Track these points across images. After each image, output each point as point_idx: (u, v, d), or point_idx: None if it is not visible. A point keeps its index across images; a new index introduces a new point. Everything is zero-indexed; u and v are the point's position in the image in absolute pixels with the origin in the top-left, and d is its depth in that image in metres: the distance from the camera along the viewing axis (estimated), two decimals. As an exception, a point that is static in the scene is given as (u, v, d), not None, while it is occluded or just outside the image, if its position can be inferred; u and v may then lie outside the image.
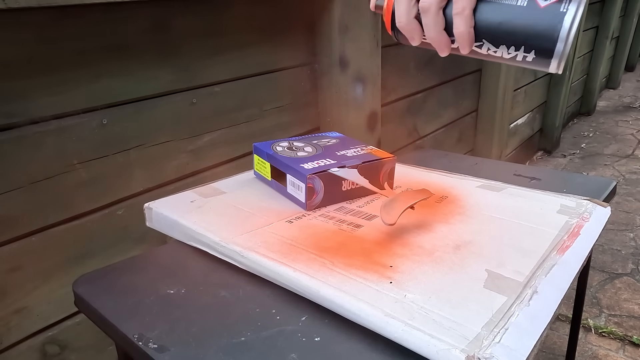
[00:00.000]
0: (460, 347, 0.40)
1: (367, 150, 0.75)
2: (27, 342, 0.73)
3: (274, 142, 0.79)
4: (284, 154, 0.74)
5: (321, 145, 0.77)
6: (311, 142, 0.79)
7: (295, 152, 0.74)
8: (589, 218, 0.63)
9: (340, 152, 0.74)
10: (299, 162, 0.70)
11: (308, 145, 0.77)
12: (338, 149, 0.75)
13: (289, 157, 0.72)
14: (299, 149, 0.75)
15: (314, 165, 0.69)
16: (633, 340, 1.40)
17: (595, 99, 3.88)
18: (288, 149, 0.75)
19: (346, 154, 0.73)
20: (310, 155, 0.73)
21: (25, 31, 0.65)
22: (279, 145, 0.77)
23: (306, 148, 0.76)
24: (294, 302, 0.52)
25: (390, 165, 0.72)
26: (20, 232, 0.70)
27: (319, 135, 0.83)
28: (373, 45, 1.13)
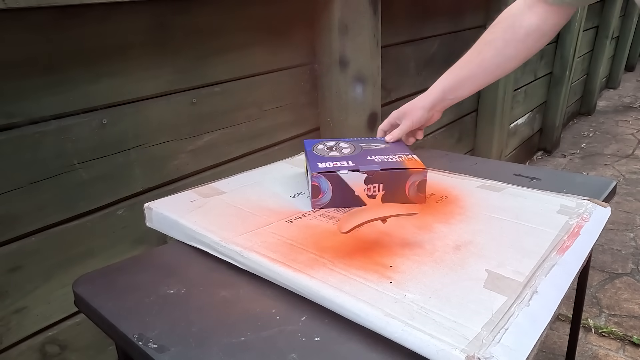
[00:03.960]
0: (460, 347, 0.40)
1: (402, 158, 0.70)
2: (27, 342, 0.73)
3: (322, 140, 0.79)
4: (318, 152, 0.73)
5: (363, 147, 0.75)
6: (356, 144, 0.77)
7: (328, 151, 0.74)
8: (589, 218, 0.63)
9: (374, 156, 0.71)
10: (319, 160, 0.70)
11: (350, 146, 0.76)
12: (375, 153, 0.72)
13: (319, 155, 0.72)
14: (338, 149, 0.74)
15: (328, 165, 0.68)
16: (633, 340, 1.40)
17: (595, 99, 3.88)
18: (327, 148, 0.75)
19: (375, 159, 0.69)
20: (340, 156, 0.71)
21: (26, 31, 0.65)
22: (323, 143, 0.78)
23: (345, 149, 0.74)
24: (294, 302, 0.52)
25: (418, 177, 0.67)
26: (20, 232, 0.70)
27: (374, 139, 0.81)
28: (373, 45, 1.13)
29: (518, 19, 0.71)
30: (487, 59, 0.74)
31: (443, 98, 0.78)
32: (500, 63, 0.74)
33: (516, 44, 0.72)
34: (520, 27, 0.71)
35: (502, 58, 0.73)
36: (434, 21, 1.53)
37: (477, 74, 0.75)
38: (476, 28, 1.80)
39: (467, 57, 0.76)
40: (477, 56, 0.75)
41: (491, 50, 0.73)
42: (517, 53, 0.73)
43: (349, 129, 1.13)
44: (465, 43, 1.91)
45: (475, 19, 1.78)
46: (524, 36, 0.71)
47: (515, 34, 0.71)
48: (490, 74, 0.75)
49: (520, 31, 0.71)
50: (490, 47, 0.74)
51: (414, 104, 0.79)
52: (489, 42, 0.74)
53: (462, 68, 0.76)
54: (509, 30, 0.72)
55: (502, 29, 0.73)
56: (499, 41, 0.73)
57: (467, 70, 0.76)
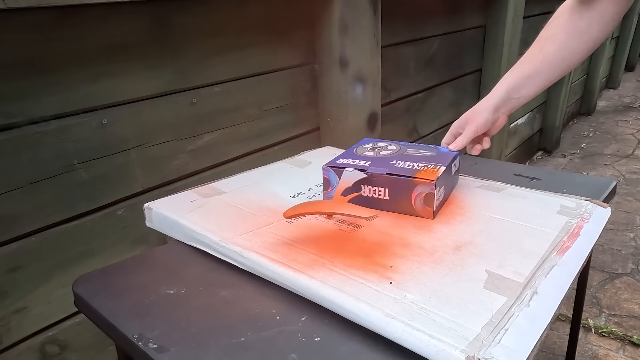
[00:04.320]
0: (461, 348, 0.40)
1: (422, 167, 0.66)
2: (27, 342, 0.73)
3: (378, 140, 0.80)
4: (358, 149, 0.75)
5: (405, 152, 0.73)
6: (403, 148, 0.75)
7: (366, 150, 0.75)
8: (589, 219, 0.63)
9: (399, 161, 0.69)
10: (347, 156, 0.72)
11: (394, 149, 0.75)
12: (405, 158, 0.70)
13: (354, 152, 0.74)
14: (377, 149, 0.75)
15: (345, 161, 0.69)
16: (633, 340, 1.40)
17: (595, 99, 3.88)
18: (370, 148, 0.75)
19: (395, 164, 0.68)
20: (369, 156, 0.72)
21: (25, 31, 0.65)
22: (374, 143, 0.78)
23: (384, 151, 0.74)
24: (294, 302, 0.52)
25: (425, 189, 0.63)
26: (20, 232, 0.70)
27: (434, 147, 0.77)
28: (373, 45, 1.13)
29: (577, 10, 0.68)
30: (551, 53, 0.70)
31: (508, 98, 0.73)
32: (565, 57, 0.70)
33: (580, 36, 0.69)
34: (580, 19, 0.68)
35: (566, 51, 0.70)
36: (434, 21, 1.53)
37: (541, 70, 0.71)
38: (476, 28, 1.80)
39: (529, 54, 0.73)
40: (539, 52, 0.71)
41: (554, 44, 0.70)
42: (581, 45, 0.69)
43: (349, 129, 1.13)
44: (465, 43, 1.92)
45: (475, 19, 1.78)
46: (587, 27, 0.68)
47: (576, 26, 0.68)
48: (556, 69, 0.71)
49: (582, 23, 0.68)
50: (552, 41, 0.70)
51: (477, 108, 0.75)
52: (550, 36, 0.71)
53: (525, 65, 0.73)
54: (569, 23, 0.69)
55: (562, 22, 0.70)
56: (561, 35, 0.70)
57: (530, 67, 0.72)
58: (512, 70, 0.74)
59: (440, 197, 0.67)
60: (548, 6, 2.46)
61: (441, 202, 0.68)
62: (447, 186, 0.70)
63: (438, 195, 0.65)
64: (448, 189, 0.71)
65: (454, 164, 0.73)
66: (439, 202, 0.66)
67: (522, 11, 1.91)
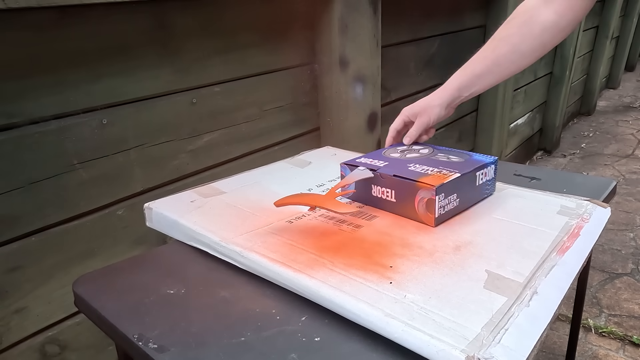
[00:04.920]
0: (460, 348, 0.40)
1: (433, 173, 0.64)
2: (27, 342, 0.73)
3: (415, 144, 0.79)
4: (388, 152, 0.75)
5: (434, 157, 0.71)
6: (434, 153, 0.74)
7: (394, 151, 0.75)
8: (589, 219, 0.63)
9: (418, 165, 0.68)
10: (370, 155, 0.73)
11: (425, 152, 0.74)
12: (426, 162, 0.68)
13: (382, 152, 0.74)
14: (404, 152, 0.75)
15: (362, 160, 0.70)
16: (633, 340, 1.40)
17: (595, 99, 3.89)
18: (400, 150, 0.75)
19: (410, 167, 0.67)
20: (391, 157, 0.71)
21: (25, 31, 0.65)
22: (410, 146, 0.78)
23: (411, 154, 0.73)
24: (294, 302, 0.52)
25: (426, 194, 0.61)
26: (20, 232, 0.70)
27: (460, 152, 0.74)
28: (373, 45, 1.13)
29: (534, 14, 0.70)
30: (502, 55, 0.73)
31: (459, 95, 0.77)
32: (516, 59, 0.73)
33: (532, 40, 0.71)
34: (536, 23, 0.70)
35: (518, 55, 0.72)
36: (434, 21, 1.53)
37: (492, 71, 0.74)
38: (476, 28, 1.80)
39: (482, 53, 0.75)
40: (492, 52, 0.74)
41: (507, 46, 0.72)
42: (533, 49, 0.71)
43: (349, 129, 1.13)
44: (465, 43, 1.92)
45: (475, 19, 1.78)
46: (540, 32, 0.70)
47: (531, 29, 0.70)
48: (505, 70, 0.74)
49: (536, 27, 0.70)
50: (505, 43, 0.72)
51: (429, 101, 0.77)
52: (504, 38, 0.73)
53: (477, 64, 0.75)
54: (524, 26, 0.71)
55: (517, 24, 0.72)
56: (515, 37, 0.71)
57: (482, 67, 0.74)
58: (464, 68, 0.76)
59: (450, 206, 0.63)
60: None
61: (452, 211, 0.64)
62: (464, 195, 0.65)
63: (443, 203, 0.62)
64: (466, 198, 0.66)
65: (482, 172, 0.68)
66: (445, 210, 0.62)
67: (522, 11, 1.91)
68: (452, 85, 0.76)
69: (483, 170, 0.68)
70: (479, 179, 0.68)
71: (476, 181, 0.67)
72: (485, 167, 0.68)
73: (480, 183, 0.68)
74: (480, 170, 0.67)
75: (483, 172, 0.68)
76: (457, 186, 0.63)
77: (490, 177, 0.70)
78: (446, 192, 0.62)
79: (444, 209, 0.63)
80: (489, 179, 0.70)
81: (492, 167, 0.70)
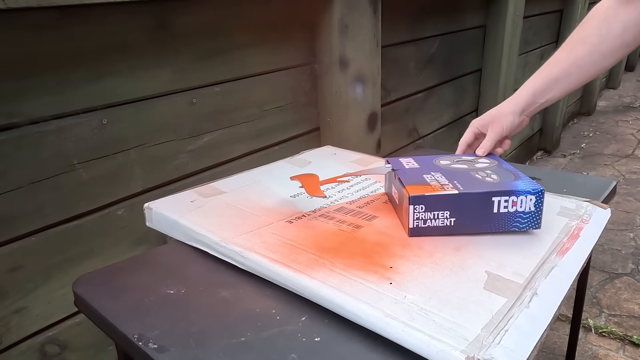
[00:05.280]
0: (460, 348, 0.40)
1: (432, 182, 0.61)
2: (27, 342, 0.73)
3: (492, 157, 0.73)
4: (444, 159, 0.71)
5: (470, 169, 0.66)
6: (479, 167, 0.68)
7: (443, 160, 0.71)
8: (588, 220, 0.63)
9: (435, 174, 0.64)
10: (416, 159, 0.72)
11: (466, 165, 0.69)
12: (452, 174, 0.64)
13: (432, 160, 0.71)
14: (452, 161, 0.71)
15: (405, 161, 0.71)
16: (633, 340, 1.40)
17: (595, 99, 3.88)
18: (456, 161, 0.70)
19: (425, 175, 0.64)
20: (437, 165, 0.68)
21: (25, 31, 0.65)
22: (476, 158, 0.72)
23: (455, 164, 0.69)
24: (294, 302, 0.52)
25: (406, 201, 0.59)
26: (20, 232, 0.70)
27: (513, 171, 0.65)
28: (373, 45, 1.13)
29: (612, 13, 0.67)
30: (581, 57, 0.68)
31: (533, 102, 0.71)
32: (596, 60, 0.68)
33: (612, 39, 0.67)
34: (616, 22, 0.66)
35: (598, 55, 0.68)
36: (434, 21, 1.53)
37: (570, 73, 0.69)
38: (476, 28, 1.80)
39: (557, 56, 0.70)
40: (568, 54, 0.69)
41: (585, 47, 0.68)
42: (614, 49, 0.67)
43: (349, 129, 1.13)
44: (465, 43, 1.92)
45: (475, 19, 1.78)
46: (622, 31, 0.66)
47: (611, 29, 0.67)
48: (585, 73, 0.69)
49: (617, 26, 0.66)
50: (583, 44, 0.68)
51: (501, 109, 0.73)
52: (582, 39, 0.69)
53: (552, 68, 0.70)
54: (603, 26, 0.67)
55: (594, 25, 0.68)
56: (593, 37, 0.68)
57: (559, 70, 0.70)
58: (539, 73, 0.72)
59: (437, 222, 0.59)
60: (548, 6, 2.46)
61: (441, 229, 0.59)
62: (469, 218, 0.59)
63: (423, 216, 0.58)
64: (471, 222, 0.59)
65: (505, 199, 0.58)
66: (425, 224, 0.59)
67: (522, 11, 1.91)
68: (525, 91, 0.72)
69: (506, 198, 0.58)
70: (497, 206, 0.58)
71: (493, 207, 0.58)
72: (513, 195, 0.58)
73: (501, 211, 0.58)
74: (499, 197, 0.58)
75: (506, 199, 0.58)
76: (450, 204, 0.58)
77: (525, 209, 0.58)
78: (429, 205, 0.58)
79: (424, 222, 0.59)
80: (523, 211, 0.59)
81: (530, 198, 0.58)
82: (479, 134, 0.75)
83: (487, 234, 0.60)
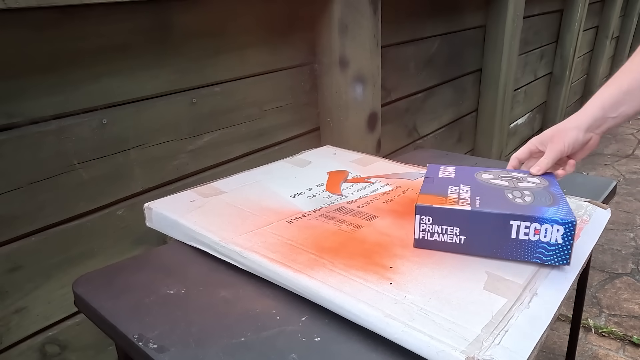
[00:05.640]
0: (460, 349, 0.40)
1: (449, 197, 0.57)
2: (27, 342, 0.73)
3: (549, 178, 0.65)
4: (481, 172, 0.66)
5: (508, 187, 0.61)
6: (514, 180, 0.63)
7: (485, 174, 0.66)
8: (588, 220, 0.63)
9: (459, 187, 0.60)
10: (455, 167, 0.71)
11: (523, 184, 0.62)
12: (477, 189, 0.60)
13: (478, 173, 0.67)
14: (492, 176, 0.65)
15: (444, 169, 0.69)
16: (633, 340, 1.40)
17: (595, 99, 3.88)
18: (499, 177, 0.65)
19: (450, 186, 0.61)
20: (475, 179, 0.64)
21: (25, 31, 0.65)
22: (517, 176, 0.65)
23: (499, 180, 0.63)
24: (294, 302, 0.52)
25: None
26: (20, 232, 0.70)
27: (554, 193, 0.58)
28: (373, 45, 1.13)
29: None
30: None
31: (603, 116, 0.62)
32: None
33: None
34: None
35: None
36: (434, 21, 1.53)
37: None
38: (476, 28, 1.80)
39: (628, 65, 0.63)
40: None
41: None
42: None
43: (349, 129, 1.13)
44: (465, 43, 1.92)
45: (475, 19, 1.78)
46: None
47: None
48: None
49: None
50: None
51: (565, 125, 0.64)
52: None
53: (623, 79, 0.63)
54: None
55: None
56: None
57: (630, 80, 0.62)
58: (608, 85, 0.64)
59: (445, 238, 0.56)
60: (548, 6, 2.46)
61: (449, 246, 0.56)
62: (483, 239, 0.54)
63: (430, 228, 0.56)
64: (484, 244, 0.54)
65: (526, 226, 0.52)
66: (432, 237, 0.56)
67: (522, 11, 1.91)
68: (594, 106, 0.63)
69: (527, 224, 0.52)
70: (516, 231, 0.52)
71: (511, 232, 0.53)
72: (535, 221, 0.51)
73: (520, 238, 0.52)
74: (519, 221, 0.52)
75: (527, 225, 0.52)
76: (461, 221, 0.54)
77: (551, 240, 0.51)
78: (437, 218, 0.55)
79: (431, 235, 0.56)
80: (548, 242, 0.52)
81: (557, 229, 0.51)
82: (537, 151, 0.67)
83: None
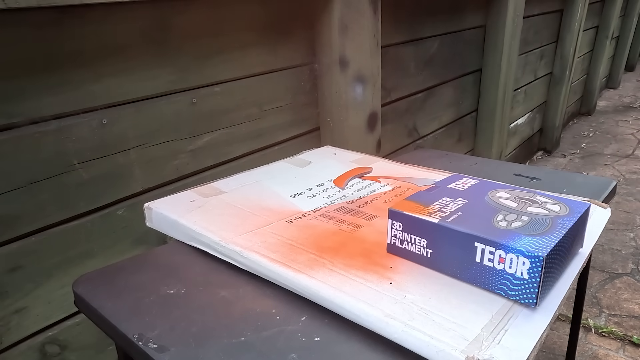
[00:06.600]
0: (460, 348, 0.40)
1: (431, 207, 0.54)
2: (27, 342, 0.73)
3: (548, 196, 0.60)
4: (493, 193, 0.59)
5: (517, 208, 0.56)
6: (523, 203, 0.58)
7: (503, 197, 0.59)
8: (588, 220, 0.63)
9: (453, 200, 0.57)
10: (474, 179, 0.65)
11: (530, 208, 0.55)
12: (472, 206, 0.55)
13: (509, 186, 0.62)
14: (512, 199, 0.58)
15: (459, 186, 0.61)
16: (633, 340, 1.40)
17: (595, 99, 3.88)
18: (517, 199, 0.58)
19: (447, 199, 0.56)
20: (505, 199, 0.58)
21: (25, 31, 0.65)
22: (534, 194, 0.60)
23: (504, 198, 0.58)
24: (294, 302, 0.52)
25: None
26: (20, 232, 0.70)
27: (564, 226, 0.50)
28: (373, 45, 1.13)
29: None
30: None
31: None
32: None
33: None
34: None
35: None
36: (434, 21, 1.53)
37: None
38: (476, 28, 1.80)
39: None
40: None
41: None
42: None
43: (349, 129, 1.13)
44: (465, 43, 1.92)
45: (475, 19, 1.78)
46: None
47: None
48: None
49: None
50: None
51: None
52: None
53: None
54: None
55: None
56: None
57: None
58: None
59: (413, 248, 0.53)
60: (548, 6, 2.46)
61: (417, 258, 0.53)
62: (447, 258, 0.51)
63: (400, 235, 0.54)
64: (448, 264, 0.51)
65: (492, 252, 0.47)
66: (402, 244, 0.54)
67: (522, 11, 1.91)
68: None
69: (491, 249, 0.46)
70: (481, 255, 0.48)
71: (475, 255, 0.48)
72: (500, 248, 0.46)
73: (484, 264, 0.47)
74: (483, 244, 0.47)
75: (491, 251, 0.47)
76: (427, 233, 0.51)
77: (516, 273, 0.45)
78: (406, 226, 0.53)
79: (401, 242, 0.54)
80: (513, 275, 0.46)
81: (523, 261, 0.45)
82: None
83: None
